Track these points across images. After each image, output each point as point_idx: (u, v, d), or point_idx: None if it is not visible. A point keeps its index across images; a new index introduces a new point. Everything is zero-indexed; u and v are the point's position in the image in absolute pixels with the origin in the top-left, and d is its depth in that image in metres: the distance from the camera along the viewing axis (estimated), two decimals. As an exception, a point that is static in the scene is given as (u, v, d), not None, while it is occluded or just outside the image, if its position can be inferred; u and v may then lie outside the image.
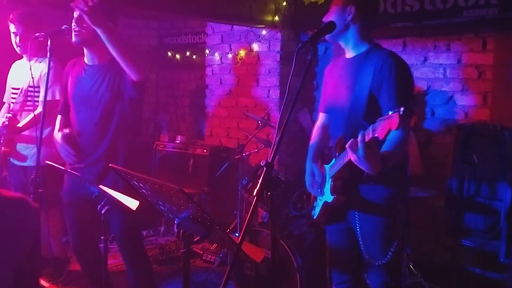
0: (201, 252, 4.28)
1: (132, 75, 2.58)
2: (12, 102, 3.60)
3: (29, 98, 3.49)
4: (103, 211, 2.36)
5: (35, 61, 3.47)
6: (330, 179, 2.30)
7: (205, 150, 4.74)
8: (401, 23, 3.70)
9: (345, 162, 2.14)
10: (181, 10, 3.91)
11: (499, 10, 3.27)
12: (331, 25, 2.15)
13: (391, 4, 3.73)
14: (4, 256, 1.45)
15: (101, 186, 2.36)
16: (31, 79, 3.23)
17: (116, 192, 2.32)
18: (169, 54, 5.89)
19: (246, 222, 1.71)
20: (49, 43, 2.67)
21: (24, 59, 3.53)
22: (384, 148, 2.12)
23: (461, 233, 3.12)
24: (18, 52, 3.50)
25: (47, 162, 2.55)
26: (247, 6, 4.22)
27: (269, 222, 2.66)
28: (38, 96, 3.40)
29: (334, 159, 2.32)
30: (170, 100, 6.06)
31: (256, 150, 4.16)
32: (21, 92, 3.52)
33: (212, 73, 5.13)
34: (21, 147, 3.53)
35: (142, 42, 5.99)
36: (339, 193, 2.27)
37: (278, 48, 4.51)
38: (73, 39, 2.66)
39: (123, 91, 2.70)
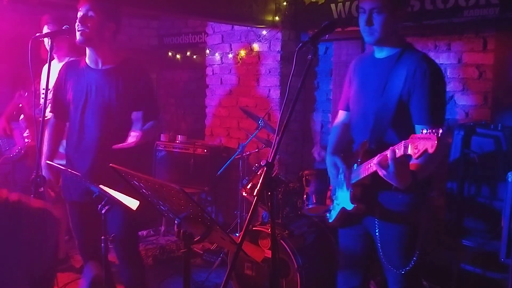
0: (201, 252, 4.28)
1: None
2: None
3: None
4: (103, 211, 2.36)
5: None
6: (350, 187, 2.23)
7: (205, 150, 4.75)
8: (402, 22, 3.68)
9: (370, 172, 2.06)
10: (182, 10, 3.91)
11: (499, 10, 3.27)
12: (332, 25, 2.02)
13: (392, 4, 3.71)
14: (21, 268, 1.42)
15: (101, 186, 2.36)
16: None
17: (117, 192, 2.32)
18: (170, 54, 5.89)
19: (246, 222, 1.71)
20: (49, 43, 2.66)
21: (55, 60, 3.48)
22: (417, 161, 2.01)
23: (461, 233, 3.11)
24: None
25: (47, 162, 2.55)
26: (247, 6, 4.22)
27: (269, 222, 2.66)
28: None
29: (355, 165, 2.22)
30: (170, 100, 6.05)
31: (257, 150, 4.16)
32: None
33: (213, 73, 5.13)
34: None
35: (143, 42, 5.99)
36: (360, 202, 2.20)
37: (278, 48, 4.51)
38: (78, 37, 2.61)
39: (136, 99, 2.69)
